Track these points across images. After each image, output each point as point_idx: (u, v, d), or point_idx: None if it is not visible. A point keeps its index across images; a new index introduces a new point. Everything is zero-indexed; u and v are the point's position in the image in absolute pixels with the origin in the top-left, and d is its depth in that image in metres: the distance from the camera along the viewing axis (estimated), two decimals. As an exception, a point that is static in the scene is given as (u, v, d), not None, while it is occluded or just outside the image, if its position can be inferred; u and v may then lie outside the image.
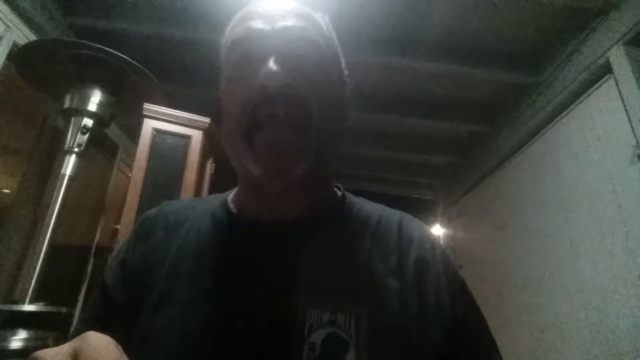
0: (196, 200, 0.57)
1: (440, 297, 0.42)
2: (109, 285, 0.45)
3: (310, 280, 0.40)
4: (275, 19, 0.43)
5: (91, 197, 2.19)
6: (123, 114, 1.64)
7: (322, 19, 0.48)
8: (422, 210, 3.39)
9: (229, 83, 0.45)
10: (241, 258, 0.43)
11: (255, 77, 0.40)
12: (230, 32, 0.46)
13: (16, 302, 1.28)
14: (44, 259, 1.29)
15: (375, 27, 1.70)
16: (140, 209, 1.34)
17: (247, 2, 0.47)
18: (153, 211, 0.51)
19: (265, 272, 0.41)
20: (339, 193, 0.51)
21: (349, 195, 0.52)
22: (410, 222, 0.49)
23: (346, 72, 0.52)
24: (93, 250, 2.10)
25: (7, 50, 1.43)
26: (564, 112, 1.78)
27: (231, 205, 0.49)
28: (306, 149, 0.41)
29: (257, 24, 0.43)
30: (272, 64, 0.40)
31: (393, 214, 0.50)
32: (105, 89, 1.47)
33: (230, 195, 0.51)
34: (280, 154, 0.40)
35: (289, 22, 0.43)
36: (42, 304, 1.24)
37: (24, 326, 1.16)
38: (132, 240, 0.48)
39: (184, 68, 2.03)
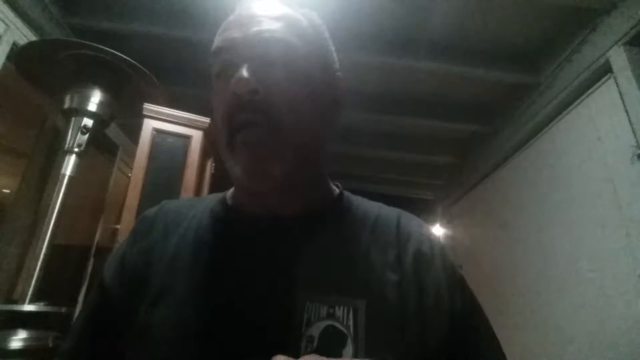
0: (195, 200, 0.58)
1: (439, 292, 0.42)
2: (107, 281, 0.46)
3: (308, 274, 0.40)
4: (249, 26, 0.44)
5: (91, 197, 2.19)
6: (123, 114, 1.64)
7: (306, 16, 0.48)
8: (422, 210, 3.39)
9: (214, 92, 0.47)
10: (239, 252, 0.44)
11: (229, 86, 0.41)
12: (214, 43, 0.47)
13: (16, 302, 1.28)
14: (44, 259, 1.29)
15: (375, 27, 1.69)
16: (140, 209, 1.34)
17: (247, 2, 0.47)
18: (153, 210, 0.52)
19: (263, 266, 0.42)
20: (337, 191, 0.52)
21: (347, 193, 0.52)
22: (409, 219, 0.50)
23: (337, 66, 0.51)
24: (93, 250, 2.09)
25: (7, 50, 1.43)
26: (564, 112, 1.78)
27: (230, 202, 0.50)
28: (281, 151, 0.41)
29: (232, 33, 0.44)
30: (242, 72, 0.40)
31: (391, 211, 0.50)
32: (105, 89, 1.47)
33: (229, 192, 0.52)
34: (255, 155, 0.41)
35: (262, 26, 0.43)
36: (42, 304, 1.24)
37: (24, 326, 1.16)
38: (132, 238, 0.49)
39: (184, 68, 2.02)
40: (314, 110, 0.45)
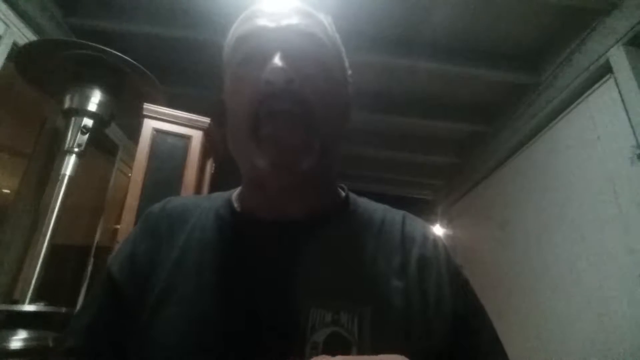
0: (200, 198, 0.57)
1: (441, 295, 0.42)
2: (117, 278, 0.44)
3: (313, 279, 0.40)
4: (280, 16, 0.44)
5: (91, 197, 2.20)
6: (123, 114, 1.64)
7: (326, 19, 0.49)
8: (422, 210, 3.38)
9: (234, 80, 0.45)
10: (244, 257, 0.43)
11: (260, 74, 0.40)
12: (235, 30, 0.47)
13: (16, 302, 1.28)
14: (44, 259, 1.29)
15: (375, 27, 1.69)
16: (140, 209, 1.34)
17: (247, 2, 0.47)
18: (157, 206, 0.51)
19: (268, 271, 0.41)
20: (343, 193, 0.51)
21: (353, 196, 0.52)
22: (413, 222, 0.49)
23: (350, 72, 0.52)
24: (93, 250, 2.09)
25: (7, 50, 1.43)
26: (564, 112, 1.78)
27: (235, 204, 0.49)
28: (311, 143, 0.41)
29: (262, 22, 0.43)
30: (277, 60, 0.40)
31: (396, 214, 0.50)
32: (105, 89, 1.47)
33: (235, 193, 0.51)
34: (285, 147, 0.40)
35: (294, 20, 0.43)
36: (42, 304, 1.24)
37: (24, 326, 1.16)
38: (139, 235, 0.48)
39: (184, 68, 2.02)
40: (337, 108, 0.46)
